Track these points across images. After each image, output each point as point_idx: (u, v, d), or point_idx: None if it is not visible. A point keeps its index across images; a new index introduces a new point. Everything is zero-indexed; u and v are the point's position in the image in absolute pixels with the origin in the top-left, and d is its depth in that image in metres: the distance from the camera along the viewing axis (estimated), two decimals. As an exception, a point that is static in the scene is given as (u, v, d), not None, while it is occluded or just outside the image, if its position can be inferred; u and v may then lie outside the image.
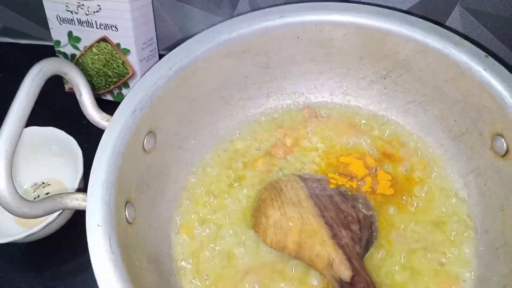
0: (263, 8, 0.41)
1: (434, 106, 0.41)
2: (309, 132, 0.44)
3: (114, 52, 0.54)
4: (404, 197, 0.39)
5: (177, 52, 0.39)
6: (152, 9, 0.54)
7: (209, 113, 0.43)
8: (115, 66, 0.55)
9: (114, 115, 0.35)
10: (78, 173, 0.45)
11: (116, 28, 0.52)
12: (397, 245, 0.37)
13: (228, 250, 0.38)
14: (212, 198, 0.41)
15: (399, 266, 0.36)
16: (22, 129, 0.30)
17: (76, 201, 0.32)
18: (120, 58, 0.54)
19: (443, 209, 0.39)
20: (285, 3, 0.41)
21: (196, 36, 0.40)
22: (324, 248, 0.32)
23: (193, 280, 0.37)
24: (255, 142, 0.44)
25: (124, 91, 0.57)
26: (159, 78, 0.37)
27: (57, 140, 0.48)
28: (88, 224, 0.31)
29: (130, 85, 0.56)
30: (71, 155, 0.47)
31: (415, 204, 0.39)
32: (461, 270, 0.36)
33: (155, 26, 0.56)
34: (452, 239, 0.37)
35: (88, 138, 0.48)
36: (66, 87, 0.58)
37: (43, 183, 0.49)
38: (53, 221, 0.41)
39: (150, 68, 0.38)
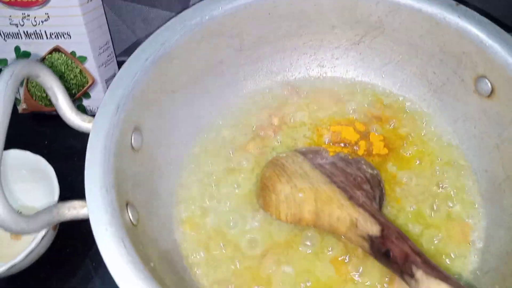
0: None
1: (411, 63, 0.42)
2: (294, 109, 0.43)
3: (70, 61, 0.50)
4: (399, 153, 0.40)
5: (151, 42, 0.37)
6: (104, 11, 0.51)
7: (190, 104, 0.42)
8: (72, 76, 0.51)
9: (97, 114, 0.33)
10: (54, 194, 0.41)
11: (69, 35, 0.49)
12: (404, 200, 0.37)
13: (238, 236, 0.36)
14: (209, 189, 0.39)
15: (411, 220, 0.36)
16: (5, 136, 0.27)
17: (74, 210, 0.29)
18: (77, 67, 0.51)
19: (439, 158, 0.39)
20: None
21: (167, 24, 0.38)
22: (343, 210, 0.31)
23: (209, 274, 0.35)
24: (242, 127, 0.43)
25: (85, 102, 0.53)
26: (137, 70, 0.35)
27: (25, 163, 0.44)
28: (95, 230, 0.28)
29: (92, 94, 0.53)
30: (43, 177, 0.43)
31: (411, 158, 0.40)
32: (470, 212, 0.36)
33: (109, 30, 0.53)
34: (454, 185, 0.38)
35: (54, 157, 0.45)
36: (20, 108, 0.54)
37: (17, 211, 0.45)
38: (35, 247, 0.38)
39: (126, 61, 0.35)
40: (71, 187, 0.43)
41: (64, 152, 0.53)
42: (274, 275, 0.34)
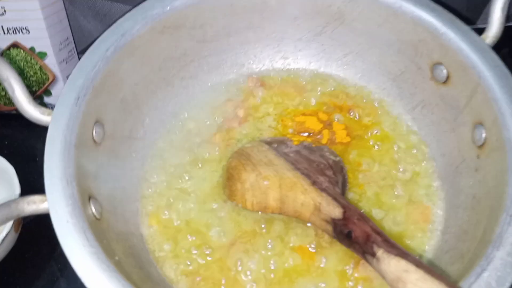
0: None
1: (371, 53, 0.43)
2: (259, 100, 0.44)
3: (29, 58, 0.49)
4: (361, 141, 0.41)
5: (111, 32, 0.36)
6: (63, 5, 0.50)
7: (153, 97, 0.41)
8: (32, 73, 0.50)
9: (56, 106, 0.32)
10: (15, 195, 0.40)
11: (28, 30, 0.47)
12: (366, 186, 0.38)
13: (205, 227, 0.36)
14: (175, 182, 0.39)
15: (373, 204, 0.37)
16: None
17: (34, 204, 0.29)
18: (36, 64, 0.49)
19: (399, 144, 0.40)
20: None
21: (127, 14, 0.37)
22: (307, 195, 0.32)
23: (176, 267, 0.34)
24: (207, 120, 0.43)
25: (46, 99, 0.52)
26: (98, 60, 0.35)
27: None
28: (56, 223, 0.27)
29: (53, 92, 0.52)
30: (4, 177, 0.42)
31: (372, 145, 0.40)
32: (430, 195, 0.38)
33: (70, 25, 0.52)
34: (413, 170, 0.39)
35: (15, 157, 0.44)
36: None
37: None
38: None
39: (86, 52, 0.35)
40: (33, 187, 0.41)
41: (26, 152, 0.52)
42: (241, 264, 0.34)
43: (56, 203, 0.28)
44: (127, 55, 0.37)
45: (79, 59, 0.54)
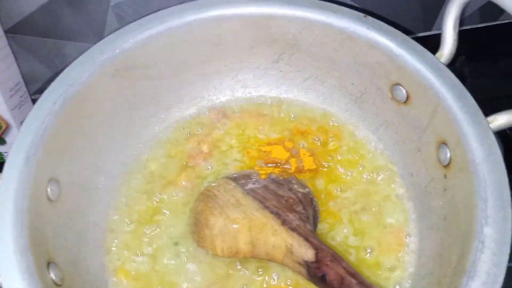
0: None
1: (330, 76, 0.43)
2: (223, 132, 0.43)
3: (-23, 107, 0.46)
4: (328, 166, 0.40)
5: (58, 83, 0.35)
6: (10, 50, 0.48)
7: (112, 142, 0.40)
8: (-18, 123, 0.47)
9: (4, 169, 0.30)
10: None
11: (-27, 80, 0.45)
12: (338, 213, 0.38)
13: (177, 276, 0.35)
14: (142, 231, 0.37)
15: (347, 232, 0.36)
16: None
17: (-14, 281, 0.27)
18: (-14, 113, 0.47)
19: (366, 166, 0.40)
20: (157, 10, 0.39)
21: (74, 62, 0.36)
22: (278, 237, 0.31)
23: (150, 322, 0.33)
24: (170, 159, 0.41)
25: (0, 148, 0.50)
26: (46, 115, 0.33)
27: None
28: (11, 302, 0.25)
29: (7, 139, 0.49)
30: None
31: (340, 170, 0.40)
32: (402, 218, 0.37)
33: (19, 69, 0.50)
34: (383, 191, 0.39)
35: None
36: None
37: None
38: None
39: (33, 107, 0.33)
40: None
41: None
42: (218, 310, 0.33)
43: (10, 279, 0.26)
44: (78, 105, 0.35)
45: (33, 101, 0.52)
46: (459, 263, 0.28)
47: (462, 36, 0.37)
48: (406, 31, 0.38)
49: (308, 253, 0.29)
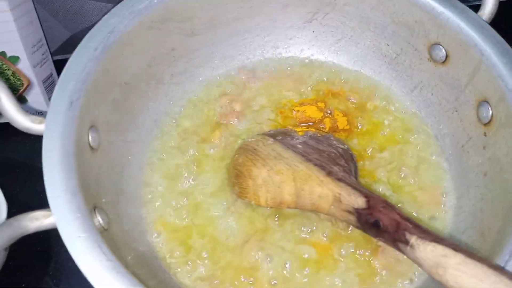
0: None
1: (365, 37, 0.42)
2: (255, 92, 0.42)
3: (0, 63, 0.45)
4: (362, 127, 0.40)
5: (98, 30, 0.34)
6: (33, 5, 0.46)
7: (144, 97, 0.39)
8: (4, 80, 0.46)
9: (48, 113, 0.29)
10: (1, 208, 0.37)
11: (-4, 34, 0.44)
12: (374, 172, 0.38)
13: (215, 228, 0.35)
14: (177, 185, 0.37)
15: (383, 190, 0.37)
16: None
17: (37, 221, 0.26)
18: (9, 69, 0.46)
19: (400, 127, 0.40)
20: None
21: (113, 10, 0.35)
22: (324, 187, 0.31)
23: (190, 272, 0.33)
24: (203, 116, 0.41)
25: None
26: (87, 61, 0.32)
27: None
28: (66, 240, 0.25)
29: (28, 98, 0.48)
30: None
31: (374, 130, 0.40)
32: (439, 176, 0.37)
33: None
34: (418, 151, 0.39)
35: None
36: None
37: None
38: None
39: (73, 52, 0.32)
40: (16, 200, 0.39)
41: (3, 165, 0.49)
42: (257, 262, 0.33)
43: (64, 218, 0.26)
44: (116, 54, 0.34)
45: (54, 63, 0.51)
46: (507, 214, 0.29)
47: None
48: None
49: (358, 201, 0.29)
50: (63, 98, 0.30)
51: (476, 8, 0.37)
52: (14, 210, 0.38)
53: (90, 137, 0.32)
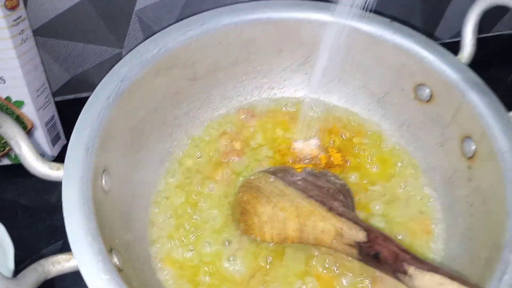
0: (156, 30, 0.40)
1: (355, 78, 0.45)
2: (253, 131, 0.45)
3: (5, 108, 0.47)
4: (356, 162, 0.43)
5: (110, 79, 0.36)
6: (38, 51, 0.49)
7: (150, 139, 0.41)
8: (8, 123, 0.48)
9: (66, 159, 0.31)
10: (7, 252, 0.38)
11: (3, 80, 0.45)
12: (369, 205, 0.40)
13: (221, 264, 0.36)
14: (183, 223, 0.39)
15: (379, 221, 0.39)
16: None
17: (58, 265, 0.28)
18: (13, 113, 0.47)
19: (390, 161, 0.43)
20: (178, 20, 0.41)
21: (123, 59, 0.37)
22: (326, 222, 0.33)
23: (201, 309, 0.34)
24: (205, 155, 0.43)
25: (24, 149, 0.50)
26: (101, 109, 0.34)
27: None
28: (89, 282, 0.26)
29: (31, 140, 0.50)
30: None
31: (366, 165, 0.43)
32: (428, 207, 0.40)
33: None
34: (409, 184, 0.41)
35: None
36: None
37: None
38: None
39: (88, 99, 0.34)
40: (20, 244, 0.40)
41: (6, 208, 0.49)
42: (264, 295, 0.35)
43: (86, 261, 0.27)
44: (126, 100, 0.37)
45: (56, 104, 0.53)
46: (494, 241, 0.31)
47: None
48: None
49: (359, 235, 0.31)
50: (79, 145, 0.32)
51: (449, 44, 0.40)
52: (18, 252, 0.39)
53: (103, 181, 0.33)
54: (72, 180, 0.30)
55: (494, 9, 0.39)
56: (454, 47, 0.40)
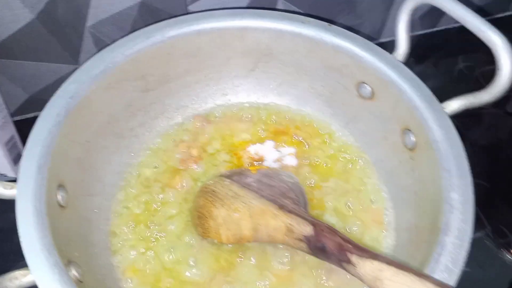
0: (108, 44, 0.41)
1: (302, 80, 0.47)
2: (209, 137, 0.46)
3: (-40, 130, 0.47)
4: (309, 161, 0.45)
5: (59, 96, 0.37)
6: (-9, 73, 0.49)
7: (106, 152, 0.42)
8: (-36, 146, 0.48)
9: (19, 178, 0.32)
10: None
11: (-44, 103, 0.46)
12: (322, 201, 0.42)
13: (183, 269, 0.37)
14: (143, 232, 0.40)
15: (331, 217, 0.41)
16: None
17: (16, 280, 0.28)
18: (-32, 136, 0.47)
19: (340, 157, 0.45)
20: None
21: (72, 76, 0.38)
22: (277, 219, 0.35)
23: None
24: (163, 164, 0.44)
25: (-17, 170, 0.50)
26: (52, 126, 0.35)
27: None
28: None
29: (-11, 161, 0.50)
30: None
31: (319, 163, 0.45)
32: (379, 198, 0.42)
33: (-1, 91, 0.51)
34: (360, 177, 0.44)
35: None
36: None
37: None
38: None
39: (37, 118, 0.35)
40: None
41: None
42: (225, 295, 0.36)
43: (42, 276, 0.28)
44: (77, 116, 0.37)
45: (14, 123, 0.53)
46: (433, 226, 0.34)
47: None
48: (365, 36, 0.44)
49: (307, 229, 0.33)
50: (31, 163, 0.33)
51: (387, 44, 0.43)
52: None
53: (59, 196, 0.34)
54: (25, 197, 0.31)
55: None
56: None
